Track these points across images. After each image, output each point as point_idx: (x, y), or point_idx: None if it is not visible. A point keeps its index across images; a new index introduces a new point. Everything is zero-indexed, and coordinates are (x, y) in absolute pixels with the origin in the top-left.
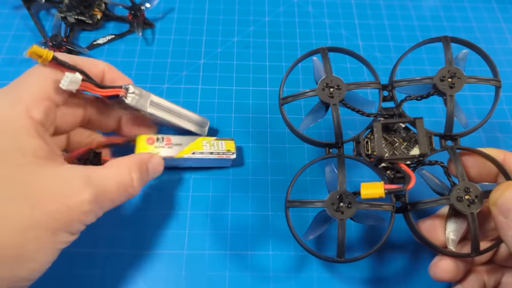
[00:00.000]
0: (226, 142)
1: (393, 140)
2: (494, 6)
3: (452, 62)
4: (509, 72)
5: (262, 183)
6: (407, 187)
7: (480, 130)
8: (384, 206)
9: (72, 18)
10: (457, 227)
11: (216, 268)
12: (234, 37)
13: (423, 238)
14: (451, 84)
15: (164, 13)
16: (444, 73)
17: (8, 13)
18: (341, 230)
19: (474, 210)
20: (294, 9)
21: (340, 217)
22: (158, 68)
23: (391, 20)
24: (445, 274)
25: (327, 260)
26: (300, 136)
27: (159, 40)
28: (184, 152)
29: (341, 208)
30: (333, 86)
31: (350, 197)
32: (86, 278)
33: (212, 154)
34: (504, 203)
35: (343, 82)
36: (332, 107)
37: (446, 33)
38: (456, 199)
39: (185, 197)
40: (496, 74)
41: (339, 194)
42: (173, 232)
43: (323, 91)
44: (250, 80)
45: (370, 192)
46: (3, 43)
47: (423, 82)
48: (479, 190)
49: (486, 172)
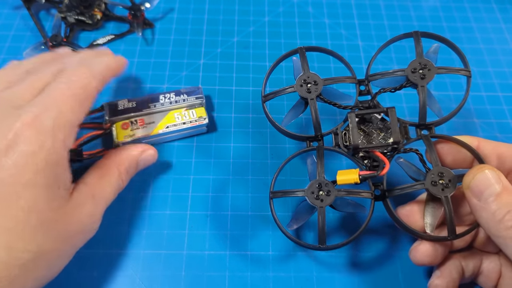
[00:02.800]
0: (196, 110)
1: (371, 131)
2: (494, 7)
3: (422, 55)
4: (509, 72)
5: (262, 183)
6: (381, 172)
7: (457, 117)
8: (363, 193)
9: (72, 18)
10: (434, 212)
11: (216, 268)
12: (234, 37)
13: (402, 223)
14: (422, 75)
15: (164, 13)
16: (415, 65)
17: (8, 13)
18: (321, 217)
19: (448, 194)
20: (294, 9)
21: (320, 204)
22: (158, 68)
23: (391, 20)
24: (424, 257)
25: (309, 247)
26: (282, 131)
27: (159, 40)
28: (158, 128)
29: (320, 196)
30: (310, 82)
31: (329, 185)
32: (84, 280)
33: (185, 124)
34: (477, 185)
35: (320, 78)
36: (310, 102)
37: (445, 33)
38: (430, 184)
39: (185, 197)
40: (466, 64)
41: (318, 183)
42: (172, 232)
43: (301, 87)
44: (250, 80)
45: (345, 178)
46: (3, 43)
47: (396, 74)
48: (452, 174)
49: (461, 158)
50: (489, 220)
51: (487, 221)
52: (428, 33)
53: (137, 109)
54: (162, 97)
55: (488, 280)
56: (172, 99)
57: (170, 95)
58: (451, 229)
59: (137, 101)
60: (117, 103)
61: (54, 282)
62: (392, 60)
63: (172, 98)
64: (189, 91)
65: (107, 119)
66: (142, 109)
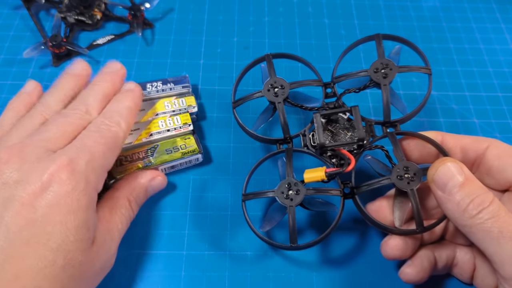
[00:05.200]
0: (186, 98)
1: (338, 131)
2: (494, 7)
3: (383, 56)
4: (509, 72)
5: (263, 182)
6: (347, 168)
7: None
8: (331, 191)
9: (72, 19)
10: (402, 206)
11: (216, 268)
12: (234, 37)
13: (371, 218)
14: (384, 75)
15: (164, 13)
16: (377, 65)
17: (8, 13)
18: (291, 216)
19: (414, 187)
20: (294, 9)
21: (290, 203)
22: (158, 68)
23: (390, 21)
24: (395, 251)
25: (280, 247)
26: (252, 136)
27: (158, 40)
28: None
29: (290, 195)
30: (277, 86)
31: (298, 184)
32: None
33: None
34: (440, 178)
35: (286, 82)
36: (277, 105)
37: (445, 33)
38: (396, 178)
39: (185, 197)
40: (426, 63)
41: (288, 182)
42: (172, 233)
43: (268, 92)
44: (250, 80)
45: (311, 176)
46: (3, 43)
47: (359, 75)
48: (417, 168)
49: (426, 153)
50: (454, 210)
51: (453, 212)
52: (390, 35)
53: None
54: (149, 85)
55: (463, 272)
56: (159, 88)
57: (157, 84)
58: (418, 221)
59: None
60: None
61: None
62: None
63: (159, 87)
64: (176, 80)
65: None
66: None
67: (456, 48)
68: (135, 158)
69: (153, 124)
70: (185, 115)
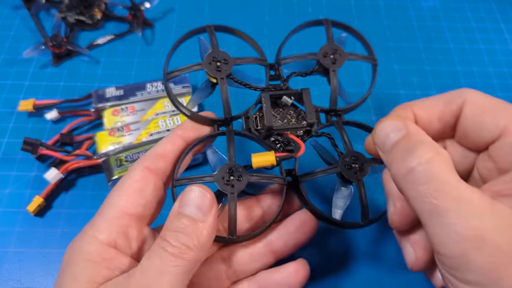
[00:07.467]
0: (186, 98)
1: (282, 116)
2: (494, 7)
3: (333, 41)
4: (508, 72)
5: None
6: (297, 154)
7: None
8: (275, 179)
9: (72, 18)
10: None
11: None
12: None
13: (316, 210)
14: (333, 60)
15: (164, 13)
16: (327, 50)
17: (8, 13)
18: (232, 205)
19: (361, 177)
20: (294, 9)
21: (231, 190)
22: (158, 68)
23: (390, 20)
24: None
25: (220, 241)
26: (186, 114)
27: (158, 40)
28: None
29: (231, 181)
30: (220, 60)
31: (241, 169)
32: None
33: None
34: (378, 138)
35: (230, 56)
36: (219, 81)
37: (445, 33)
38: (344, 167)
39: None
40: (371, 53)
41: (229, 167)
42: None
43: (210, 65)
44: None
45: (261, 160)
46: (3, 43)
47: (307, 58)
48: (365, 158)
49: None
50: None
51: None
52: (338, 22)
53: (125, 97)
54: (149, 85)
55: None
56: (159, 88)
57: (157, 84)
58: (364, 214)
59: (124, 89)
60: (105, 91)
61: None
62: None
63: (159, 87)
64: (176, 80)
65: (94, 107)
66: (130, 96)
67: (456, 48)
68: (135, 158)
69: (153, 124)
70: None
